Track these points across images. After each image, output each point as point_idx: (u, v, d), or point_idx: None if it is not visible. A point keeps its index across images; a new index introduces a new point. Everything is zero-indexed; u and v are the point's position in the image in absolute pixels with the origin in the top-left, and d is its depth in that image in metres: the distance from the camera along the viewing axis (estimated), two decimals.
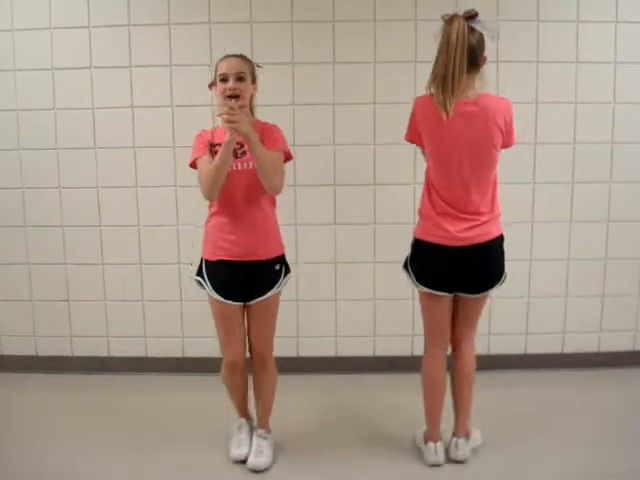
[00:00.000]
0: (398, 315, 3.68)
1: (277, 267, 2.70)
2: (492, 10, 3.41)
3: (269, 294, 2.68)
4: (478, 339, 2.86)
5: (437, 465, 2.72)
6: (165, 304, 3.71)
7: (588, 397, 3.37)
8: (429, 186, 2.59)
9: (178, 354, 3.75)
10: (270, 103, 3.48)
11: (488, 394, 2.89)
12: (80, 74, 3.50)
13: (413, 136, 2.60)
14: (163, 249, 3.65)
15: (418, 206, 2.68)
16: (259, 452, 2.77)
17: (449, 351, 2.78)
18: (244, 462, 2.76)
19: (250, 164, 2.56)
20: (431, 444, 2.73)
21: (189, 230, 3.58)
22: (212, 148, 2.59)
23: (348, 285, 3.68)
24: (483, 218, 2.53)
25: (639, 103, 3.51)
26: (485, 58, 2.48)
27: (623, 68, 3.47)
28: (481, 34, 2.44)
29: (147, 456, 2.85)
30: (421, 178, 3.50)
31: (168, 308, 3.71)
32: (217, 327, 2.74)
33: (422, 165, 3.49)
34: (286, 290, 3.67)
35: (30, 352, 3.77)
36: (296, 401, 3.27)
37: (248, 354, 2.81)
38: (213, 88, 2.65)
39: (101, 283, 3.69)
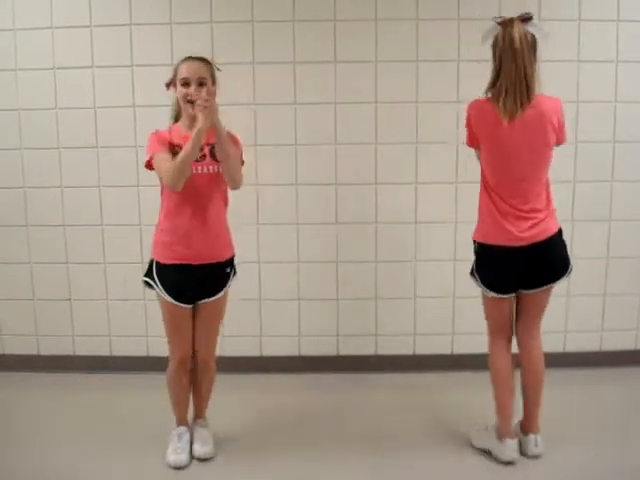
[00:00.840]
0: (400, 314, 3.68)
1: (228, 269, 2.73)
2: (494, 9, 3.39)
3: (219, 295, 2.71)
4: (479, 338, 2.87)
5: (513, 462, 2.69)
6: None
7: (589, 396, 3.36)
8: (487, 188, 2.61)
9: None
10: (271, 102, 3.51)
11: (489, 393, 2.87)
12: (82, 73, 3.50)
13: (472, 140, 2.63)
14: None
15: (477, 208, 2.68)
16: (203, 441, 2.82)
17: (515, 348, 2.78)
18: (181, 468, 2.75)
19: (210, 168, 2.59)
20: (509, 440, 2.69)
21: None
22: (173, 148, 2.58)
23: (349, 284, 3.68)
24: (541, 215, 2.56)
25: None
26: (537, 59, 2.52)
27: (625, 67, 3.47)
28: (534, 36, 2.49)
29: (149, 455, 2.85)
30: (422, 177, 3.56)
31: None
32: (167, 327, 2.76)
33: (423, 165, 3.55)
34: (285, 288, 3.70)
35: (32, 351, 3.77)
36: (297, 399, 3.28)
37: None
38: (171, 88, 2.68)
39: (103, 282, 3.70)
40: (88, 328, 3.75)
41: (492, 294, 2.67)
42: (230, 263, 2.74)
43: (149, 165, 2.63)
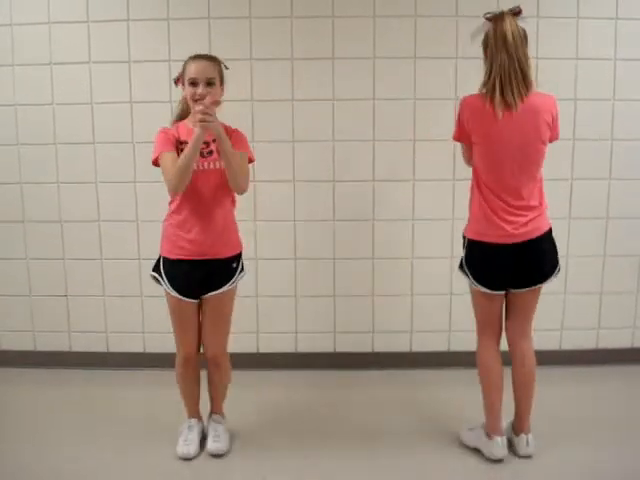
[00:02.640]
0: (397, 312, 3.68)
1: (234, 265, 2.73)
2: (492, 7, 3.38)
3: (224, 288, 2.70)
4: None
5: (501, 460, 2.70)
6: (164, 300, 3.69)
7: (586, 394, 3.37)
8: (479, 183, 2.60)
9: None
10: (269, 99, 3.51)
11: None
12: (79, 69, 3.49)
13: (461, 135, 2.62)
14: None
15: (468, 205, 2.68)
16: (217, 437, 2.82)
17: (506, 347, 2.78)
18: (190, 460, 2.77)
19: (217, 164, 2.59)
20: (498, 438, 2.70)
21: None
22: (179, 145, 2.60)
23: (346, 281, 3.68)
24: (534, 212, 2.56)
25: (639, 100, 3.51)
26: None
27: (623, 65, 3.47)
28: (525, 30, 2.49)
29: (147, 451, 2.85)
30: (420, 175, 3.56)
31: (167, 304, 3.69)
32: (173, 323, 2.78)
33: (420, 162, 3.55)
34: (282, 285, 3.70)
35: (28, 347, 3.77)
36: (297, 396, 3.28)
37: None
38: (179, 84, 2.67)
39: (100, 278, 3.69)
40: (85, 324, 3.74)
41: (482, 289, 2.65)
42: (236, 259, 2.74)
43: (156, 163, 2.64)
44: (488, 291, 2.65)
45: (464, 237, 2.69)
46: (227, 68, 2.71)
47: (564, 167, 3.56)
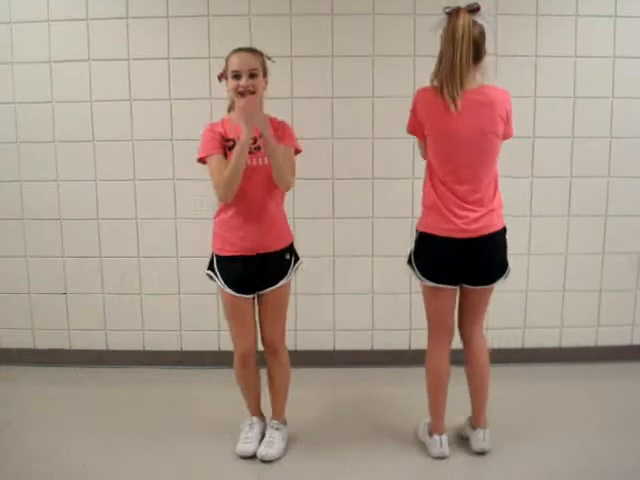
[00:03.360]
0: (396, 309, 3.68)
1: (287, 256, 2.72)
2: (491, 4, 3.40)
3: (281, 283, 2.70)
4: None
5: (442, 457, 2.73)
6: (163, 297, 3.71)
7: (585, 391, 3.37)
8: (432, 177, 2.58)
9: (176, 347, 3.75)
10: (268, 96, 3.49)
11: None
12: (78, 67, 3.49)
13: (415, 128, 2.61)
14: (161, 242, 3.65)
15: (421, 198, 2.67)
16: (270, 443, 2.77)
17: (459, 345, 2.79)
18: (249, 458, 2.75)
19: (265, 160, 2.57)
20: (436, 437, 2.73)
21: (187, 223, 3.59)
22: (226, 143, 2.58)
23: (346, 279, 3.68)
24: (486, 208, 2.54)
25: (638, 98, 3.52)
26: (485, 51, 2.51)
27: (622, 62, 3.47)
28: (482, 27, 2.47)
29: (145, 449, 2.85)
30: (419, 172, 3.52)
31: (166, 301, 3.71)
32: (228, 320, 2.75)
33: (420, 159, 3.53)
34: None
35: (28, 345, 3.77)
36: (296, 395, 3.27)
37: (260, 347, 2.82)
38: (223, 79, 2.65)
39: (99, 276, 3.69)
40: (84, 322, 3.74)
41: (427, 282, 2.63)
42: (288, 250, 2.72)
43: (202, 161, 2.62)
44: (433, 284, 2.63)
45: (416, 231, 2.68)
46: (270, 59, 2.67)
47: (563, 165, 3.56)
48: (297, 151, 2.71)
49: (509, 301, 3.64)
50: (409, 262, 2.71)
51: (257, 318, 2.78)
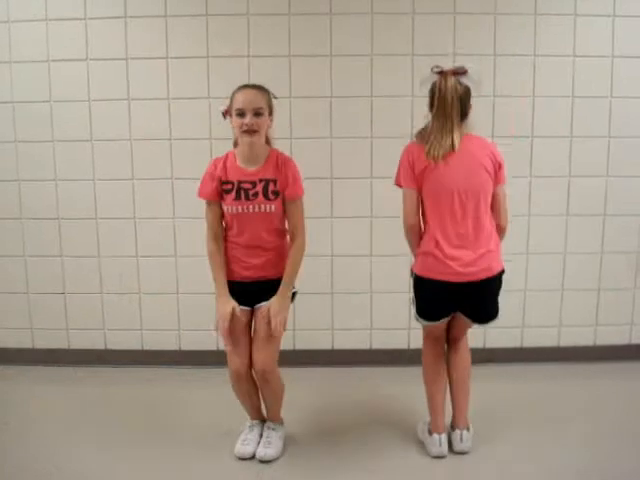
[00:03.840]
0: (395, 308, 3.68)
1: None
2: (490, 4, 3.41)
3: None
4: (475, 332, 2.88)
5: (442, 457, 2.73)
6: (161, 297, 3.71)
7: (584, 390, 3.37)
8: (426, 224, 2.65)
9: (174, 347, 3.75)
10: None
11: (484, 387, 2.89)
12: (76, 66, 3.49)
13: (407, 181, 2.65)
14: (159, 242, 3.64)
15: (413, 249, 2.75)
16: (268, 443, 2.78)
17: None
18: (248, 459, 2.76)
19: (262, 207, 2.60)
20: (436, 435, 2.74)
21: (186, 223, 3.59)
22: (222, 186, 2.62)
23: (345, 278, 3.68)
24: (482, 250, 2.58)
25: (636, 97, 3.52)
26: (471, 106, 2.60)
27: (620, 62, 3.47)
28: (467, 86, 2.57)
29: (144, 449, 2.85)
30: None
31: (164, 301, 3.71)
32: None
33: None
34: None
35: (26, 345, 3.76)
36: (294, 394, 3.27)
37: None
38: (227, 116, 2.65)
39: (97, 276, 3.69)
40: (83, 322, 3.74)
41: (424, 322, 2.74)
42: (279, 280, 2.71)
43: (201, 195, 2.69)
44: (431, 323, 2.72)
45: (412, 271, 2.74)
46: (276, 98, 2.68)
47: (561, 164, 3.56)
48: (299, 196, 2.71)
49: (507, 300, 3.63)
50: (413, 302, 2.78)
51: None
